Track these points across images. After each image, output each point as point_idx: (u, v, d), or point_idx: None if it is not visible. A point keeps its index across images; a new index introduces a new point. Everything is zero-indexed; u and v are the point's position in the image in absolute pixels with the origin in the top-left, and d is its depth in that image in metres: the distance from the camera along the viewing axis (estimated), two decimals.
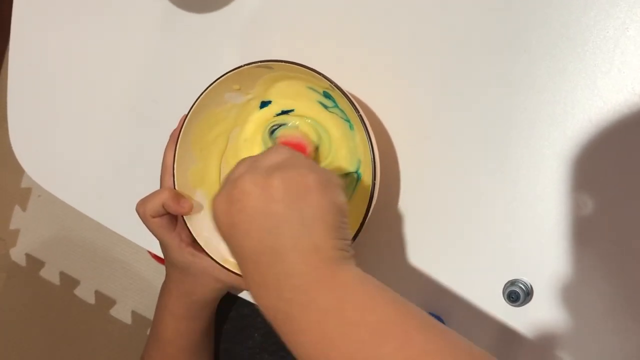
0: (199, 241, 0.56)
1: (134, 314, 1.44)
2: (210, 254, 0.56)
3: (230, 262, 0.57)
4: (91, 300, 1.47)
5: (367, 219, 0.52)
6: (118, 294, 1.45)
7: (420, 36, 0.58)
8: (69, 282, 1.48)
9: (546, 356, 0.55)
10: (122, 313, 1.45)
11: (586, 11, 0.53)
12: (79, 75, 0.72)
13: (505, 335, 0.56)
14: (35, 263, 1.51)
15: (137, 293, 1.44)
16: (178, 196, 0.56)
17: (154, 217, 0.58)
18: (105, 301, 1.46)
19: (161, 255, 0.63)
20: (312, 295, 0.39)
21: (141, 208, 0.58)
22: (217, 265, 0.56)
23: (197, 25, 0.66)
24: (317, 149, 0.59)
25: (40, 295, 1.50)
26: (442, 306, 0.58)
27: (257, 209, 0.41)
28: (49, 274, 1.50)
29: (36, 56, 0.74)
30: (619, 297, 0.53)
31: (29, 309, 1.51)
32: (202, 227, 0.58)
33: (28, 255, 1.52)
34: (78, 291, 1.48)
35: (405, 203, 0.59)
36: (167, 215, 0.58)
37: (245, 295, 0.66)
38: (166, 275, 0.63)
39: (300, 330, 0.38)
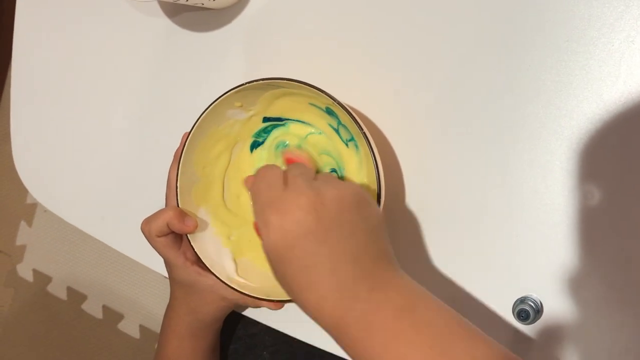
0: (203, 260, 0.56)
1: (142, 328, 1.44)
2: (215, 273, 0.56)
3: (235, 280, 0.57)
4: (99, 315, 1.47)
5: None
6: (126, 308, 1.45)
7: (424, 50, 0.58)
8: (77, 297, 1.48)
9: None
10: (130, 327, 1.45)
11: (591, 24, 0.53)
12: (82, 94, 0.72)
13: (517, 354, 0.55)
14: (42, 278, 1.51)
15: (144, 307, 1.43)
16: (182, 215, 0.56)
17: (158, 236, 0.57)
18: (113, 316, 1.46)
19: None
20: (388, 295, 0.41)
21: (146, 227, 0.58)
22: (222, 283, 0.56)
23: (200, 43, 0.66)
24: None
25: (48, 311, 1.50)
26: None
27: (338, 216, 0.42)
28: (56, 289, 1.50)
29: (38, 75, 0.74)
30: (635, 312, 0.52)
31: (36, 325, 1.51)
32: (207, 245, 0.58)
33: (35, 271, 1.52)
34: (85, 306, 1.48)
35: (409, 219, 0.59)
36: (172, 234, 0.58)
37: (252, 314, 0.66)
38: (171, 294, 0.62)
39: (374, 329, 0.40)
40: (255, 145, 0.61)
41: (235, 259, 0.58)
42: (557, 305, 0.54)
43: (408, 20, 0.58)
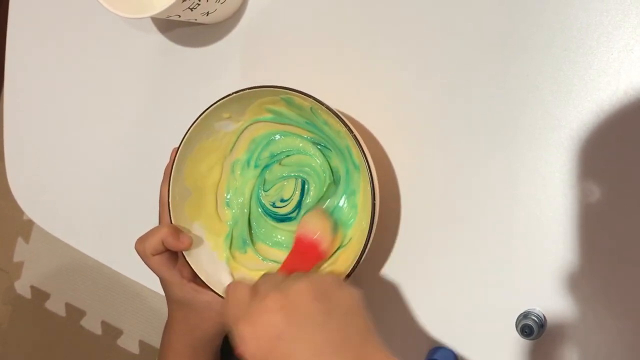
0: (200, 275, 0.55)
1: (142, 343, 1.43)
2: (212, 288, 0.55)
3: None
4: (98, 330, 1.46)
5: (365, 255, 0.51)
6: (125, 323, 1.44)
7: (420, 58, 0.57)
8: (75, 313, 1.47)
9: None
10: (129, 343, 1.44)
11: (589, 33, 0.52)
12: (76, 112, 0.72)
13: None
14: (40, 295, 1.50)
15: (144, 322, 1.42)
16: (177, 232, 0.56)
17: (153, 254, 0.56)
18: (112, 331, 1.45)
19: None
20: None
21: (140, 246, 0.57)
22: (221, 299, 0.55)
23: (193, 58, 0.66)
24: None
25: (47, 328, 1.49)
26: (453, 340, 0.56)
27: (307, 308, 0.42)
28: (55, 305, 1.49)
29: (31, 93, 0.74)
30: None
31: (35, 342, 1.50)
32: (203, 260, 0.57)
33: (33, 288, 1.51)
34: (84, 322, 1.47)
35: (404, 232, 0.58)
36: (167, 252, 0.57)
37: None
38: (169, 313, 0.61)
39: None
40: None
41: (232, 272, 0.58)
42: (561, 318, 0.53)
43: (404, 29, 0.58)
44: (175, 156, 0.56)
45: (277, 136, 0.59)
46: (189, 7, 0.56)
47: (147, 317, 1.42)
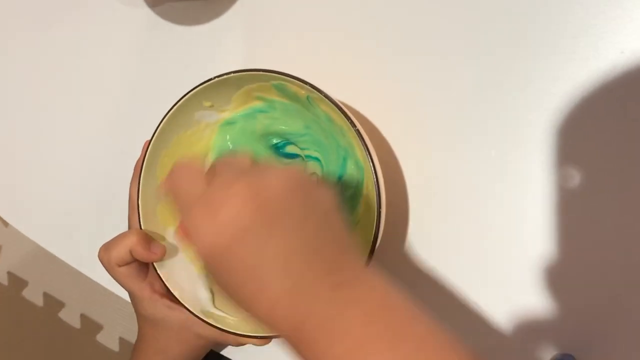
0: (173, 291, 0.51)
1: (122, 340, 1.41)
2: (187, 306, 0.50)
3: (211, 314, 0.51)
4: (76, 324, 1.45)
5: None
6: (105, 318, 1.43)
7: (439, 53, 0.52)
8: (53, 304, 1.47)
9: None
10: (109, 339, 1.43)
11: None
12: (48, 98, 0.67)
13: None
14: (17, 282, 1.50)
15: (125, 318, 1.41)
16: (147, 240, 0.51)
17: (120, 265, 0.51)
18: (91, 326, 1.44)
19: None
20: (356, 294, 0.36)
21: (105, 255, 0.51)
22: (197, 318, 0.50)
23: (185, 38, 0.62)
24: None
25: (23, 318, 1.48)
26: None
27: (284, 201, 0.37)
28: (32, 294, 1.48)
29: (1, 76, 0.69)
30: None
31: (10, 332, 1.49)
32: (177, 273, 0.52)
33: (10, 274, 1.50)
34: (63, 314, 1.46)
35: (417, 252, 0.53)
36: (136, 262, 0.52)
37: (233, 354, 0.60)
38: (138, 332, 0.56)
39: (339, 334, 0.35)
40: None
41: (211, 287, 0.53)
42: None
43: (423, 14, 0.53)
44: (147, 151, 0.50)
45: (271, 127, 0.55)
46: None
47: (130, 313, 1.36)
